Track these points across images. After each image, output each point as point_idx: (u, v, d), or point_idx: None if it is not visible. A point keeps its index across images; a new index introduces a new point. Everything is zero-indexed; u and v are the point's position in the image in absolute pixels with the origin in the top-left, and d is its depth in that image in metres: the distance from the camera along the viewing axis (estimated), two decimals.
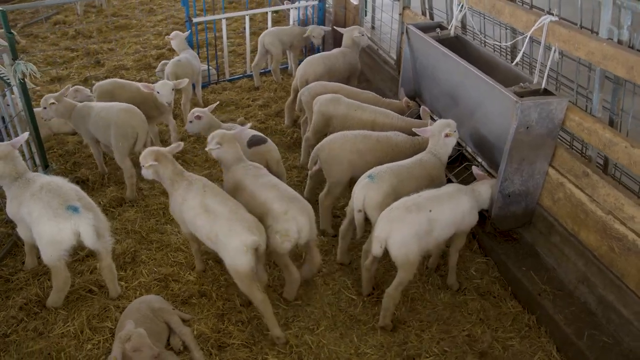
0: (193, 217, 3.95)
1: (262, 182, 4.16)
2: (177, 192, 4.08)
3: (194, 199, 3.96)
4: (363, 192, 4.22)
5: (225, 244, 3.76)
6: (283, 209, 3.95)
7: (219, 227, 3.78)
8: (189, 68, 6.85)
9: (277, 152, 5.11)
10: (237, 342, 3.92)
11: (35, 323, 4.07)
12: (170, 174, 4.11)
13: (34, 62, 9.08)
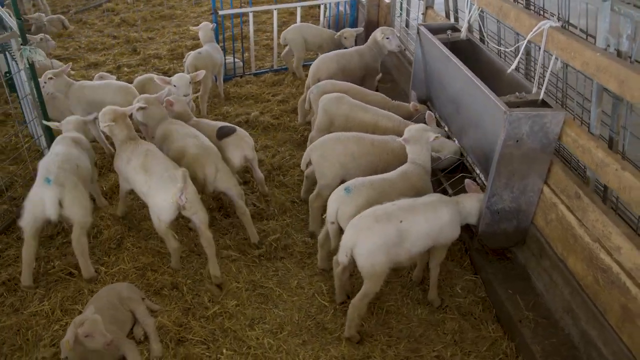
0: (134, 174, 4.41)
1: (184, 132, 4.81)
2: (125, 153, 4.55)
3: (137, 159, 4.43)
4: (336, 205, 4.06)
5: (155, 197, 4.23)
6: (195, 153, 4.56)
7: (152, 183, 4.25)
8: (209, 61, 6.88)
9: (251, 140, 5.09)
10: (195, 338, 3.89)
11: (13, 299, 4.21)
12: (123, 137, 4.59)
13: (75, 47, 9.48)
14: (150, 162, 4.37)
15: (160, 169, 4.30)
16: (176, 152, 4.69)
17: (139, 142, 4.59)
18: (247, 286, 4.37)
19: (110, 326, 3.78)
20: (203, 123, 5.22)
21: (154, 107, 5.05)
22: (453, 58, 4.57)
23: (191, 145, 4.66)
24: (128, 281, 4.37)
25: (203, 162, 4.57)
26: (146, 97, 5.09)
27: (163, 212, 4.21)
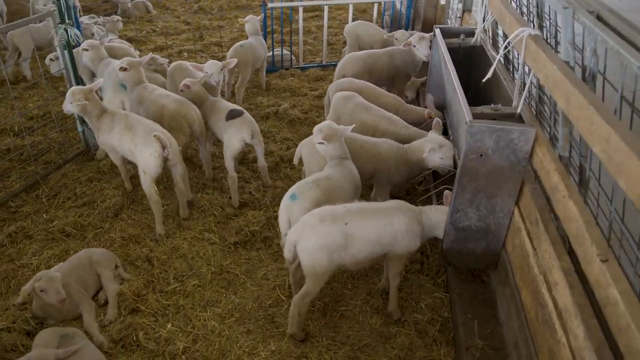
0: (119, 137, 4.76)
1: (158, 93, 5.29)
2: (105, 123, 4.87)
3: (119, 124, 4.78)
4: (286, 214, 4.01)
5: (141, 151, 4.60)
6: (174, 107, 5.08)
7: (137, 139, 4.62)
8: (250, 54, 7.08)
9: (257, 124, 5.19)
10: (148, 310, 4.08)
11: (12, 250, 4.68)
12: (98, 111, 4.89)
13: (150, 30, 10.14)
14: (132, 122, 4.77)
15: (142, 126, 4.71)
16: (155, 112, 5.18)
17: (113, 112, 4.95)
18: (214, 269, 4.49)
19: (75, 285, 4.10)
20: (218, 104, 5.39)
21: (134, 71, 5.41)
22: (448, 63, 4.34)
23: (169, 102, 5.18)
24: (112, 249, 4.67)
25: (184, 113, 5.10)
26: (129, 59, 5.45)
27: (149, 166, 4.63)
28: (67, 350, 3.49)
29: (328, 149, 4.29)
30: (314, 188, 4.01)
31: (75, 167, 5.84)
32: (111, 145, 4.94)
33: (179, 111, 5.11)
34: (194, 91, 5.47)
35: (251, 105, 7.25)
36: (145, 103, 5.33)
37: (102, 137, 4.95)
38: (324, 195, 3.99)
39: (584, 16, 2.66)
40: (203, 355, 3.76)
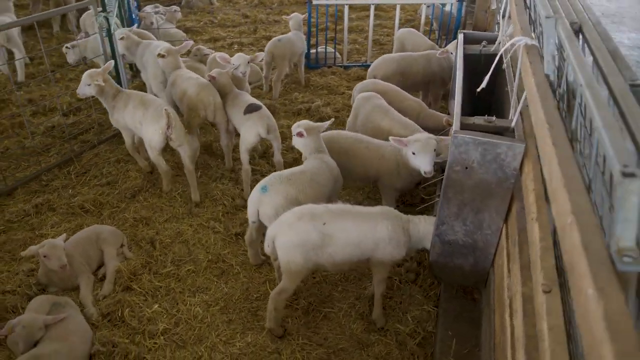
0: (133, 112, 5.13)
1: (187, 76, 5.60)
2: (120, 101, 5.23)
3: (133, 101, 5.18)
4: (255, 206, 4.05)
5: (148, 127, 5.03)
6: (196, 91, 5.34)
7: (148, 115, 5.03)
8: (287, 48, 7.16)
9: (273, 119, 5.29)
10: (139, 290, 4.26)
11: (35, 220, 5.03)
12: (114, 91, 5.25)
13: (208, 21, 10.48)
14: (146, 99, 5.19)
15: (155, 105, 5.10)
16: (180, 93, 5.56)
17: (129, 91, 5.33)
18: (211, 257, 4.61)
19: (79, 257, 4.37)
20: (240, 96, 5.52)
21: (171, 57, 5.76)
22: (458, 70, 4.19)
23: (190, 85, 5.46)
24: (122, 228, 4.91)
25: (201, 97, 5.36)
26: (168, 47, 5.80)
27: (153, 140, 5.06)
28: (55, 317, 3.73)
29: (306, 142, 4.40)
30: (285, 182, 4.07)
31: (108, 148, 6.17)
32: (124, 122, 5.29)
33: (198, 94, 5.40)
34: (220, 82, 5.63)
35: (286, 100, 7.33)
36: (174, 87, 5.66)
37: (117, 114, 5.29)
38: (295, 189, 4.04)
39: (562, 29, 2.48)
40: (181, 338, 3.88)
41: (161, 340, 3.85)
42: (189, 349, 3.80)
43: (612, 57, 2.14)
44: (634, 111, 1.71)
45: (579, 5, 2.76)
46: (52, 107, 7.05)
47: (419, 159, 4.22)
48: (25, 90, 7.60)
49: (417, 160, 4.24)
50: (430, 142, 4.21)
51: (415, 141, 4.24)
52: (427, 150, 4.19)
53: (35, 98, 7.23)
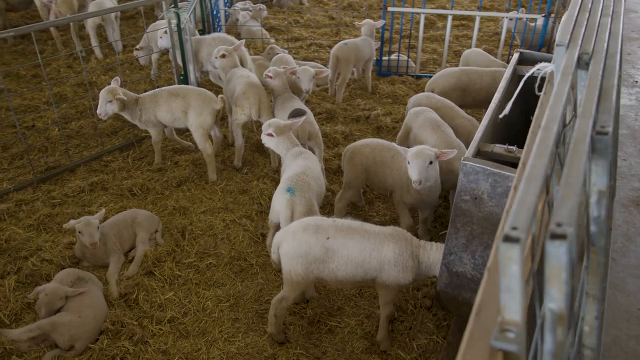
0: (167, 105, 5.45)
1: (240, 74, 5.77)
2: (145, 103, 5.50)
3: (161, 95, 5.49)
4: (290, 208, 4.02)
5: (197, 111, 5.45)
6: (243, 89, 5.46)
7: (192, 102, 5.44)
8: (353, 53, 7.11)
9: (316, 125, 5.34)
10: (159, 276, 4.45)
11: (87, 197, 5.42)
12: (132, 99, 5.48)
13: (293, 21, 10.67)
14: (174, 90, 5.52)
15: (193, 91, 5.50)
16: (231, 90, 5.78)
17: (146, 93, 5.60)
18: (233, 254, 4.70)
19: (113, 237, 4.65)
20: (289, 101, 5.59)
21: (230, 57, 5.98)
22: (499, 92, 3.92)
23: (240, 83, 5.63)
24: (161, 215, 5.15)
25: (248, 94, 5.51)
26: (226, 47, 6.01)
27: (206, 122, 5.48)
28: (75, 290, 4.01)
29: (277, 142, 4.60)
30: (306, 180, 4.15)
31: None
32: (155, 119, 5.55)
33: (245, 92, 5.56)
34: (273, 83, 5.73)
35: (348, 105, 7.29)
36: (229, 84, 5.92)
37: (146, 115, 5.54)
38: (315, 183, 4.20)
39: (566, 58, 2.24)
40: (186, 328, 4.01)
41: (167, 327, 3.99)
42: (190, 340, 3.92)
43: (598, 98, 1.89)
44: (576, 163, 1.50)
45: (605, 34, 2.46)
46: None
47: (410, 167, 4.03)
48: (111, 75, 8.20)
49: (409, 169, 4.05)
50: (422, 152, 4.00)
51: (411, 150, 4.09)
52: (417, 159, 3.99)
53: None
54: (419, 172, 3.94)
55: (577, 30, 2.57)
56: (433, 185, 4.24)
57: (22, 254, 4.61)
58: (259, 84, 5.71)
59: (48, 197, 5.41)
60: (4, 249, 4.66)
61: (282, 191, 4.11)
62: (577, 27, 2.59)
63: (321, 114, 7.01)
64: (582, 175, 1.41)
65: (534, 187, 1.38)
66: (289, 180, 4.18)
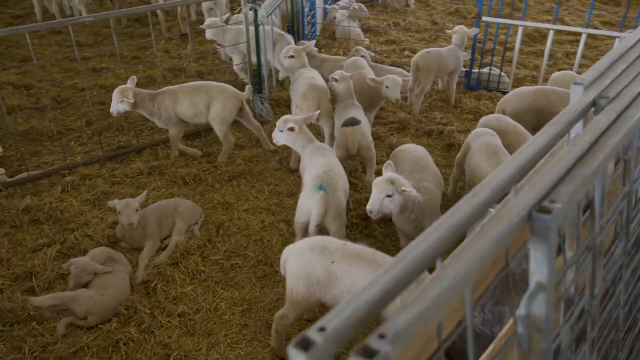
0: (190, 99, 5.60)
1: (305, 75, 5.71)
2: (165, 101, 5.61)
3: (181, 91, 5.63)
4: (324, 207, 3.93)
5: (221, 103, 5.63)
6: (303, 91, 5.42)
7: (214, 94, 5.63)
8: (434, 62, 6.72)
9: (368, 137, 5.09)
10: (183, 268, 4.50)
11: (144, 180, 5.66)
12: (147, 98, 5.60)
13: (392, 23, 10.38)
14: (199, 84, 5.67)
15: (214, 85, 5.68)
16: (295, 90, 5.73)
17: (162, 90, 5.73)
18: (262, 258, 4.62)
19: (152, 223, 4.79)
20: (348, 108, 5.41)
21: (299, 57, 5.95)
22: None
23: (301, 85, 5.57)
24: (205, 207, 5.21)
25: (308, 96, 5.42)
26: (295, 47, 5.99)
27: (231, 114, 5.70)
28: (103, 268, 4.19)
29: (297, 137, 4.59)
30: (334, 177, 4.17)
31: (235, 130, 6.58)
32: (175, 117, 5.68)
33: (305, 93, 5.48)
34: (338, 88, 5.56)
35: (423, 117, 6.90)
36: (295, 84, 5.86)
37: (166, 113, 5.62)
38: (341, 180, 4.27)
39: (579, 100, 1.84)
40: (193, 325, 4.01)
41: (175, 321, 4.02)
42: (194, 339, 3.91)
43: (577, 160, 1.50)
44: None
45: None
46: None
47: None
48: (202, 62, 8.52)
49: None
50: (380, 184, 3.84)
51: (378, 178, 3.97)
52: (375, 188, 3.86)
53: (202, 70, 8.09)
54: (372, 203, 3.81)
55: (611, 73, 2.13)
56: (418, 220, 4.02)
57: (71, 226, 4.91)
58: (321, 87, 5.57)
59: (110, 175, 5.72)
60: (58, 219, 5.00)
61: (313, 189, 4.05)
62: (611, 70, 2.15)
63: (393, 124, 6.71)
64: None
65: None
66: (318, 178, 4.13)
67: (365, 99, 6.00)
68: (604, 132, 1.63)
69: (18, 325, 3.95)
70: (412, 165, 4.42)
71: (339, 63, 7.67)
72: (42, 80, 7.82)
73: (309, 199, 4.09)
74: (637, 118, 1.70)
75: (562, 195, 1.32)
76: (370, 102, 6.10)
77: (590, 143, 1.56)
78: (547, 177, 1.37)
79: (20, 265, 4.45)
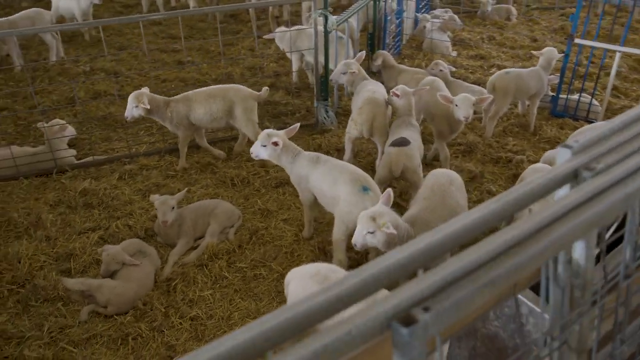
0: (207, 106, 5.65)
1: (366, 88, 5.58)
2: (179, 107, 5.66)
3: (198, 96, 5.70)
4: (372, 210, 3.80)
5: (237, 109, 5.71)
6: (360, 104, 5.32)
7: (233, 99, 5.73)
8: (512, 84, 6.21)
9: (415, 161, 4.78)
10: (207, 272, 4.52)
11: (195, 177, 5.78)
12: (162, 103, 5.65)
13: (483, 36, 9.81)
14: (214, 90, 5.76)
15: (230, 87, 5.81)
16: (356, 102, 5.63)
17: (176, 97, 5.82)
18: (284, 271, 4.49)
19: (189, 222, 4.89)
20: (403, 127, 5.17)
21: (359, 72, 5.87)
22: None
23: (360, 98, 5.47)
24: (246, 212, 5.21)
25: (363, 109, 5.33)
26: (350, 62, 5.89)
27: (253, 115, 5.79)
28: (132, 260, 4.34)
29: (282, 151, 4.54)
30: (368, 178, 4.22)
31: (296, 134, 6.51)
32: (187, 122, 5.71)
33: (361, 107, 5.36)
34: (397, 104, 5.33)
35: (495, 142, 6.40)
36: (356, 96, 5.74)
37: (178, 117, 5.68)
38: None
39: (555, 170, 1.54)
40: (202, 331, 4.02)
41: (186, 324, 4.05)
42: (201, 345, 3.88)
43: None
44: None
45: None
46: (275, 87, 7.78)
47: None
48: (281, 63, 8.58)
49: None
50: (363, 219, 3.62)
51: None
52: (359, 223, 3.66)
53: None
54: (355, 237, 3.64)
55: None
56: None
57: (117, 214, 5.14)
58: (378, 101, 5.37)
59: (167, 167, 5.92)
60: (108, 206, 5.26)
61: (356, 193, 4.02)
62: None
63: (460, 146, 6.30)
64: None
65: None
66: (356, 181, 4.11)
67: (443, 122, 5.58)
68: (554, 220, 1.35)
69: (46, 303, 4.20)
70: (428, 193, 4.09)
71: (416, 76, 7.36)
72: (131, 68, 8.33)
73: (353, 206, 4.03)
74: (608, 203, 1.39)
75: (442, 301, 1.08)
76: (449, 126, 5.58)
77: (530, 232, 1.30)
78: (437, 274, 1.14)
79: (63, 246, 4.73)
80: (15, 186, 5.60)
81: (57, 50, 8.52)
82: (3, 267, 4.48)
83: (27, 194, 5.49)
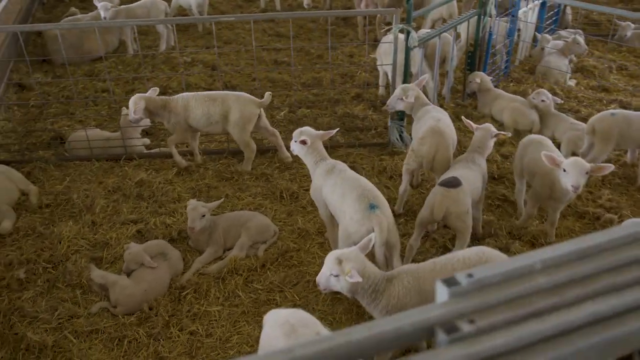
0: (208, 109, 5.57)
1: (430, 116, 5.09)
2: (177, 108, 5.60)
3: (199, 99, 5.63)
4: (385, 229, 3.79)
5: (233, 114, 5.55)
6: (421, 135, 4.87)
7: (230, 102, 5.58)
8: (617, 128, 5.35)
9: (461, 206, 4.21)
10: (222, 287, 4.41)
11: (239, 184, 5.69)
12: (161, 104, 5.60)
13: (606, 66, 8.58)
14: (214, 94, 5.70)
15: (231, 93, 5.71)
16: (417, 130, 5.16)
17: (177, 96, 5.76)
18: (301, 303, 4.26)
19: (220, 231, 4.84)
20: (464, 166, 4.63)
21: (418, 97, 5.33)
22: None
23: (423, 126, 5.01)
24: (282, 230, 5.01)
25: (427, 139, 4.84)
26: (414, 90, 5.33)
27: (252, 121, 5.61)
28: (149, 262, 4.39)
29: (307, 151, 4.46)
30: (377, 194, 4.03)
31: (363, 152, 6.18)
32: (185, 124, 5.63)
33: (422, 138, 4.91)
34: (476, 136, 4.85)
35: (587, 193, 5.46)
36: (419, 122, 5.25)
37: (175, 118, 5.62)
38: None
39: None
40: (196, 348, 3.94)
41: (184, 337, 3.98)
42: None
43: None
44: None
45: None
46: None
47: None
48: (372, 74, 8.22)
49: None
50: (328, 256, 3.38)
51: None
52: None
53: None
54: (319, 276, 3.49)
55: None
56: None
57: (161, 210, 5.23)
58: (444, 132, 4.84)
59: (223, 169, 5.90)
60: (157, 200, 5.37)
61: (362, 211, 3.85)
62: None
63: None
64: None
65: None
66: (364, 197, 3.92)
67: (544, 185, 4.57)
68: None
69: (68, 288, 4.38)
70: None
71: (512, 104, 6.67)
72: (228, 64, 8.51)
73: (359, 225, 3.82)
74: None
75: None
76: (550, 189, 4.52)
77: None
78: None
79: (103, 234, 4.92)
80: (87, 167, 5.95)
81: (167, 39, 8.98)
82: (45, 245, 4.76)
83: (94, 177, 5.80)
